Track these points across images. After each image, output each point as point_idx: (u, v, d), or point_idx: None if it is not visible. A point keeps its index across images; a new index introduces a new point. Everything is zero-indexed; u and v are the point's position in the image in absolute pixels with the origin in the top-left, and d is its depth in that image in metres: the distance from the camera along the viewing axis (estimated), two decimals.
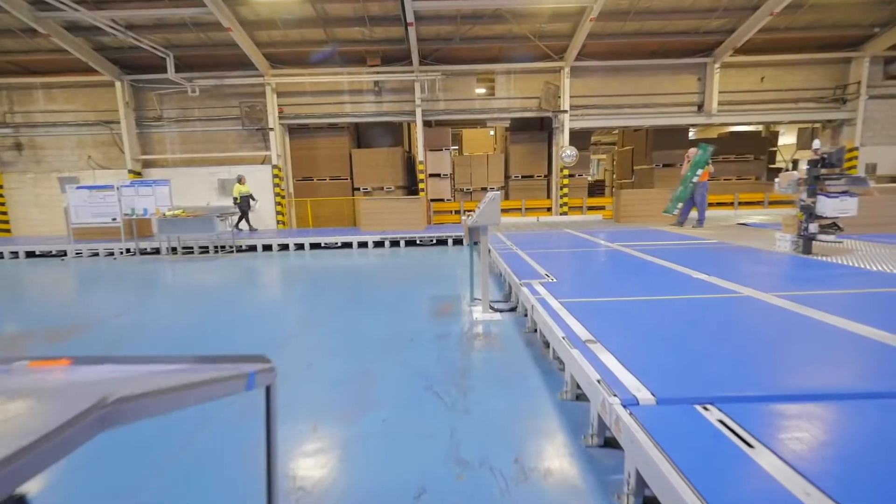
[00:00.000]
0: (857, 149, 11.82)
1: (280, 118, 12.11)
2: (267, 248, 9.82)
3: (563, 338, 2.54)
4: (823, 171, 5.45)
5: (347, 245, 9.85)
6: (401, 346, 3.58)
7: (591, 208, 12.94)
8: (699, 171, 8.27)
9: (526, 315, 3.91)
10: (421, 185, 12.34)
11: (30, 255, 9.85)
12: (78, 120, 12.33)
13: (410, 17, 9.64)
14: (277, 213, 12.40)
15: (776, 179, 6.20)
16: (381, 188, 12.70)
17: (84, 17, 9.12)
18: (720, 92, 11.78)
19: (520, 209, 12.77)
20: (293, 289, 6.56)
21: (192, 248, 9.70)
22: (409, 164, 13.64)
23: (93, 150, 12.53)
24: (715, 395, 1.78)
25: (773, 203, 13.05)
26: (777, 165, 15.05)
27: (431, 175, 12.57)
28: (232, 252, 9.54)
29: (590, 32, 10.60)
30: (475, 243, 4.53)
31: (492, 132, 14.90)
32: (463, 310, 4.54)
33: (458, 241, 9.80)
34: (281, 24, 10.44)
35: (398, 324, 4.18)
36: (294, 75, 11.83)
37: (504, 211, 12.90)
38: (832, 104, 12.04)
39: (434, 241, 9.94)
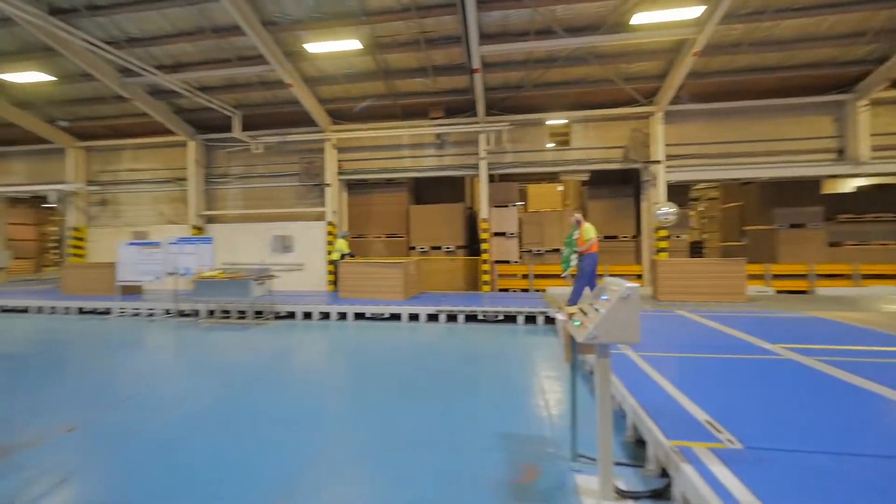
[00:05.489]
0: None
1: (339, 173, 11.59)
2: (307, 315, 8.71)
3: None
4: None
5: (396, 317, 8.41)
6: None
7: None
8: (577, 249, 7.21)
9: None
10: (484, 246, 10.86)
11: (81, 310, 9.67)
12: (154, 178, 12.81)
13: (476, 63, 8.71)
14: (329, 272, 11.51)
15: None
16: (439, 247, 11.41)
17: (161, 81, 9.33)
18: (872, 135, 9.24)
19: (602, 276, 10.65)
20: (314, 391, 5.12)
21: (229, 312, 8.83)
22: (471, 222, 12.33)
23: (166, 206, 12.85)
24: None
25: None
26: None
27: (496, 234, 11.09)
28: (270, 319, 8.53)
29: (689, 71, 8.92)
30: (574, 364, 2.81)
31: (560, 188, 13.23)
32: (563, 486, 2.60)
33: (530, 318, 7.93)
34: (342, 78, 10.08)
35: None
36: (354, 130, 11.37)
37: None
38: None
39: (500, 318, 8.10)
